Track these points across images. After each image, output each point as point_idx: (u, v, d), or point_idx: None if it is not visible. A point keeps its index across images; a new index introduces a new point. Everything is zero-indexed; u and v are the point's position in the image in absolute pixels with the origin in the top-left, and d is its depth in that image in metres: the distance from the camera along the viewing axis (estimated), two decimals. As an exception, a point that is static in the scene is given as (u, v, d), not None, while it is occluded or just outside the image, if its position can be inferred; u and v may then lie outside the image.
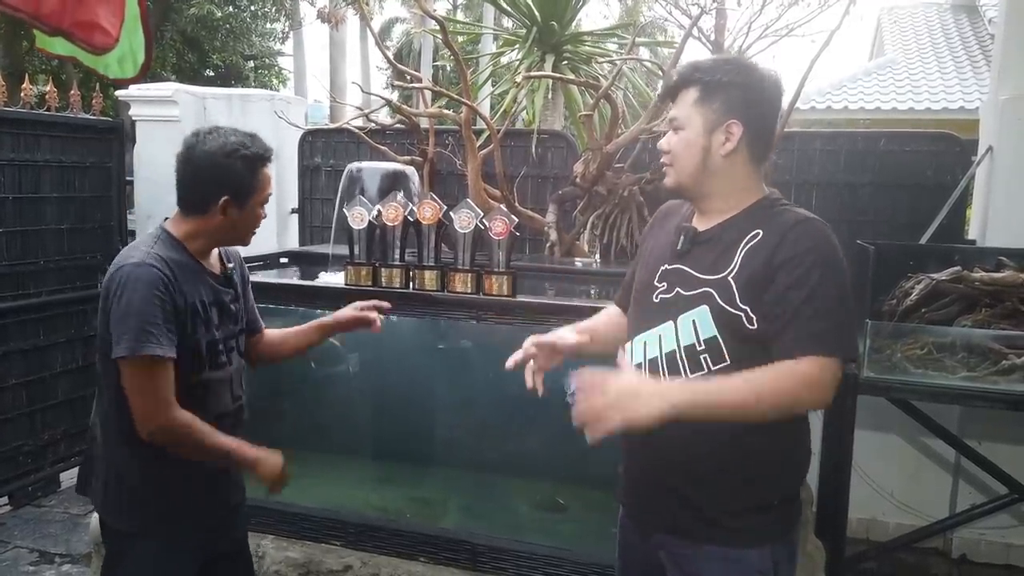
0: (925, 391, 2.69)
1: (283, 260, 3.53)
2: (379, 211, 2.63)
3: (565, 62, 4.77)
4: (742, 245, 1.50)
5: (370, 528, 2.77)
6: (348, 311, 2.11)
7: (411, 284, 2.63)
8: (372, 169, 3.43)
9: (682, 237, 1.60)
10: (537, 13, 4.66)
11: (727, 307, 1.47)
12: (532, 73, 4.21)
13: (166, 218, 1.87)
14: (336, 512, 2.86)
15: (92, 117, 4.14)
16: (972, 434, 3.32)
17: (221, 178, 1.75)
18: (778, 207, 1.55)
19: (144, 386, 1.68)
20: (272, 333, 2.12)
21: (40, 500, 3.95)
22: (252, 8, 16.22)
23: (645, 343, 1.59)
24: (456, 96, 3.68)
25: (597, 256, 3.58)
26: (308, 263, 3.51)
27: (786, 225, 1.48)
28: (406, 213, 2.62)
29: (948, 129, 3.77)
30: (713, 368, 1.48)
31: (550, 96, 4.88)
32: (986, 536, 3.47)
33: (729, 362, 1.47)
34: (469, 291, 2.57)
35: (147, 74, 3.67)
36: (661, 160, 1.63)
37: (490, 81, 5.65)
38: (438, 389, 3.37)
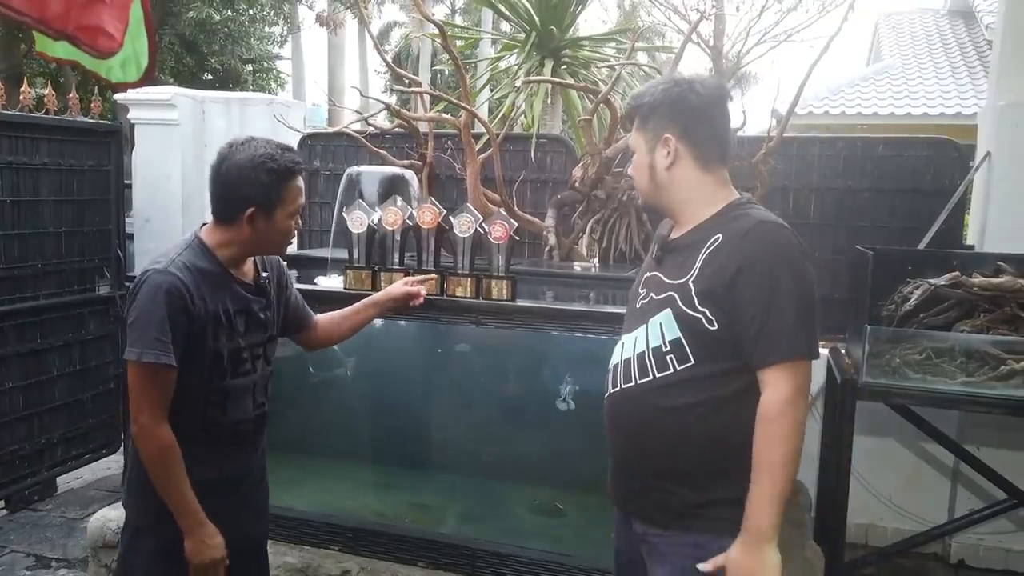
0: (924, 396, 2.69)
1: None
2: (378, 215, 2.63)
3: (564, 67, 4.78)
4: (703, 250, 1.57)
5: (369, 533, 2.76)
6: (399, 286, 2.27)
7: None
8: (371, 173, 3.43)
9: (655, 244, 1.73)
10: (536, 18, 4.66)
11: (687, 310, 1.55)
12: (531, 78, 4.21)
13: (203, 224, 1.88)
14: (334, 516, 2.85)
15: (90, 120, 4.13)
16: (971, 439, 3.32)
17: (247, 189, 1.77)
18: (739, 211, 1.60)
19: (139, 389, 1.73)
20: (327, 317, 2.21)
21: (37, 504, 3.93)
22: (251, 12, 16.21)
23: (623, 345, 1.71)
24: (455, 100, 3.68)
25: (596, 260, 3.58)
26: (307, 267, 3.50)
27: (742, 230, 1.54)
28: (405, 217, 2.62)
29: (945, 135, 3.78)
30: (679, 368, 1.56)
31: (549, 100, 4.88)
32: (984, 541, 3.47)
33: (693, 362, 1.55)
34: (469, 295, 2.57)
35: (151, 78, 3.67)
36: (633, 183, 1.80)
37: (489, 86, 5.65)
38: (437, 393, 3.37)
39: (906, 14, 14.48)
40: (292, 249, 4.44)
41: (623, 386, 1.66)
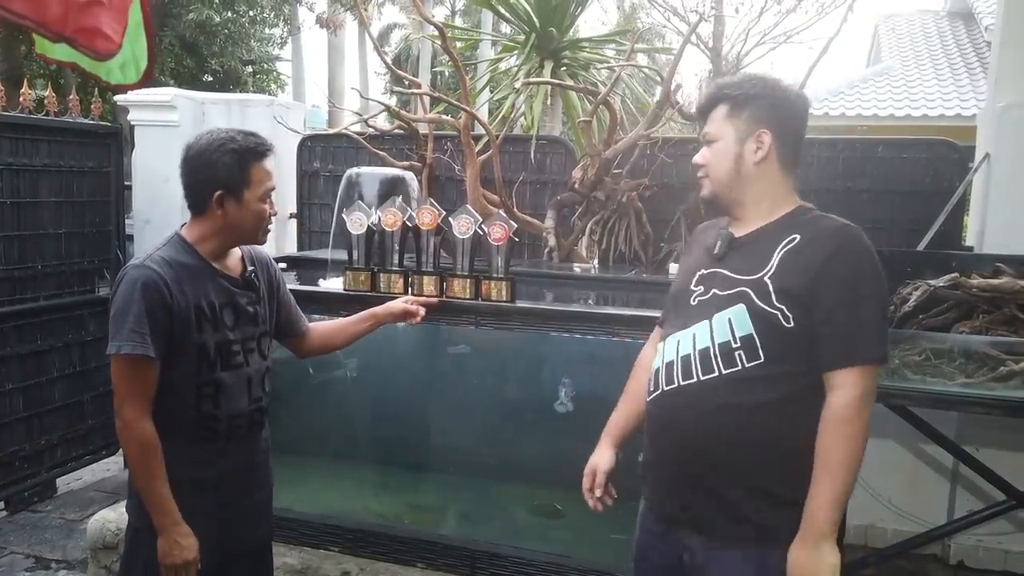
0: (923, 397, 2.68)
1: (281, 265, 3.52)
2: (378, 216, 2.64)
3: (564, 68, 4.78)
4: (779, 248, 1.56)
5: (368, 534, 2.76)
6: (399, 304, 2.30)
7: (410, 289, 2.63)
8: (371, 174, 3.44)
9: (719, 241, 1.67)
10: (536, 19, 4.67)
11: (763, 305, 1.53)
12: (531, 79, 4.21)
13: (183, 224, 1.89)
14: (334, 518, 2.85)
15: (91, 122, 4.14)
16: (970, 440, 3.32)
17: (211, 172, 1.80)
18: (813, 214, 1.63)
19: (120, 382, 1.75)
20: (323, 325, 2.22)
21: (36, 506, 3.93)
22: (251, 13, 16.22)
23: (679, 341, 1.64)
24: (455, 102, 3.68)
25: (595, 261, 3.58)
26: (306, 268, 3.51)
27: (827, 230, 1.56)
28: (405, 218, 2.62)
29: (945, 136, 3.78)
30: (747, 364, 1.53)
31: (549, 102, 4.88)
32: (984, 542, 3.47)
33: (763, 359, 1.53)
34: (468, 297, 2.57)
35: (150, 80, 3.67)
36: (697, 174, 1.71)
37: (489, 87, 5.66)
38: (436, 395, 3.37)
39: (905, 16, 14.48)
40: (292, 250, 4.49)
41: (681, 383, 1.61)
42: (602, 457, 1.86)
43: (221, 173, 1.79)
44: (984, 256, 3.14)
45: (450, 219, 2.57)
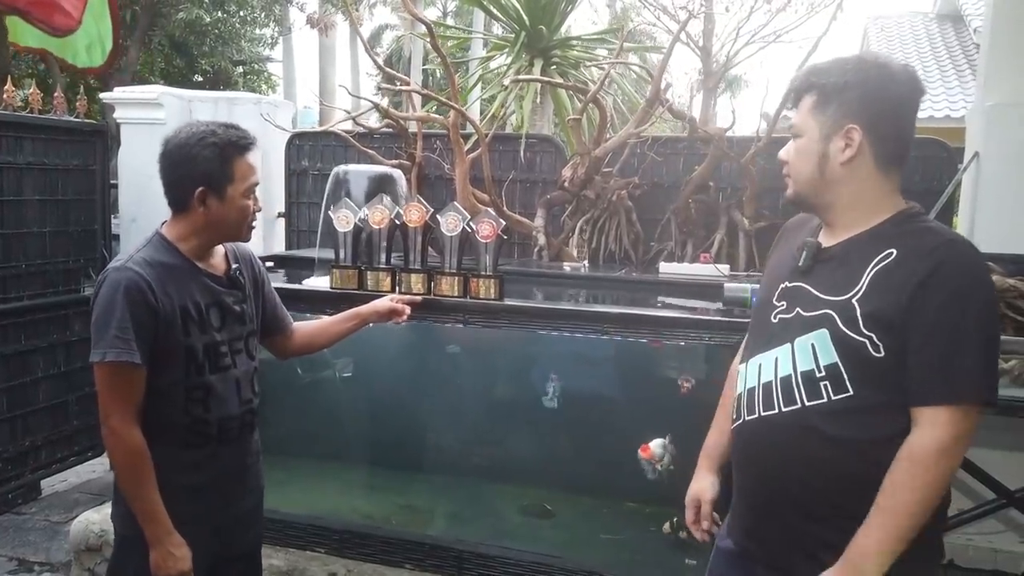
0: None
1: (269, 264, 3.49)
2: (365, 214, 2.61)
3: (554, 67, 4.77)
4: (871, 265, 1.37)
5: (355, 535, 2.74)
6: (384, 302, 2.26)
7: (397, 288, 2.60)
8: (358, 172, 3.41)
9: (804, 253, 1.48)
10: (525, 17, 4.66)
11: (849, 332, 1.35)
12: (519, 77, 4.20)
13: (163, 222, 1.84)
14: (321, 519, 2.83)
15: (76, 119, 4.09)
16: (960, 439, 3.31)
17: (192, 168, 1.74)
18: (915, 224, 1.41)
19: (105, 390, 1.68)
20: (306, 325, 2.16)
21: (20, 507, 3.89)
22: (241, 13, 16.15)
23: (760, 365, 1.50)
24: (444, 100, 3.66)
25: (585, 261, 3.57)
26: (294, 267, 3.48)
27: (927, 247, 1.34)
28: (392, 216, 2.60)
29: (934, 136, 3.79)
30: (834, 398, 1.37)
31: (538, 100, 4.87)
32: (974, 541, 3.47)
33: (851, 392, 1.36)
34: (456, 295, 2.55)
35: (116, 61, 3.62)
36: (782, 171, 1.55)
37: (479, 86, 5.64)
38: (424, 394, 3.35)
39: (895, 17, 14.55)
40: (280, 249, 4.46)
41: (762, 413, 1.46)
42: (703, 485, 1.70)
43: (202, 168, 1.73)
44: (973, 255, 3.13)
45: (438, 216, 2.55)
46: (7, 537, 3.60)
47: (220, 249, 1.90)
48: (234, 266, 1.89)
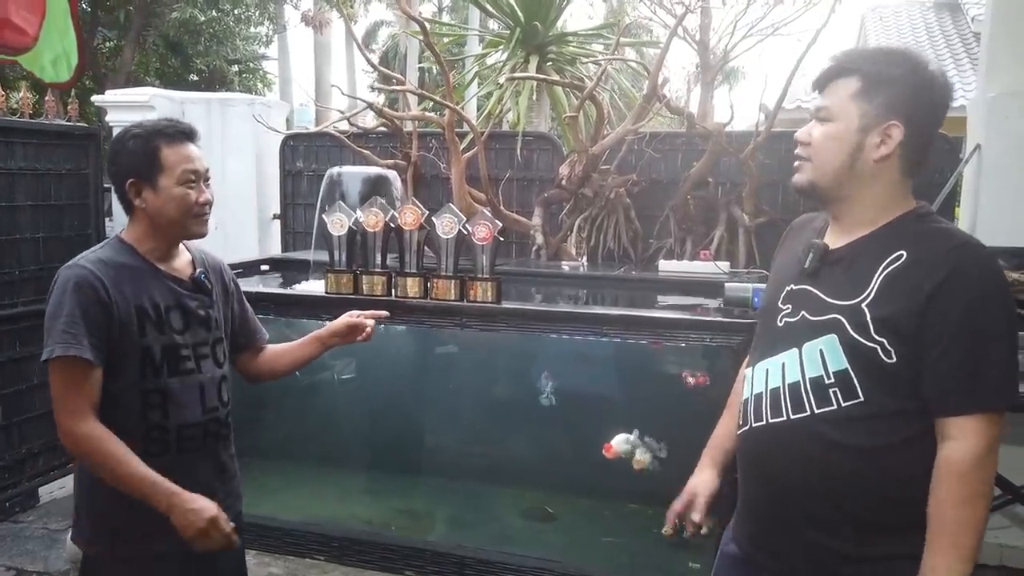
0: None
1: (264, 267, 3.47)
2: (360, 217, 2.58)
3: (549, 63, 4.73)
4: (881, 268, 1.32)
5: (354, 541, 2.72)
6: (342, 320, 2.03)
7: (393, 291, 2.57)
8: (353, 173, 3.37)
9: (811, 254, 1.42)
10: (520, 13, 4.61)
11: (859, 338, 1.31)
12: (515, 74, 4.16)
13: (123, 228, 1.82)
14: (319, 525, 2.80)
15: (68, 123, 4.05)
16: (964, 435, 3.29)
17: (120, 163, 1.73)
18: (927, 224, 1.36)
19: (57, 388, 1.63)
20: (272, 348, 2.04)
21: (18, 516, 3.85)
22: (235, 12, 16.07)
23: (767, 370, 1.45)
24: (439, 99, 3.63)
25: (584, 259, 3.54)
26: (290, 269, 3.45)
27: (939, 250, 1.30)
28: (387, 219, 2.57)
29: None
30: (844, 404, 1.33)
31: (535, 98, 4.83)
32: (979, 537, 3.45)
33: (862, 399, 1.32)
34: (453, 298, 2.52)
35: (81, 76, 3.57)
36: (796, 152, 1.45)
37: (476, 83, 5.60)
38: (422, 399, 3.32)
39: (892, 7, 14.51)
40: (275, 251, 4.42)
41: (770, 420, 1.42)
42: (702, 479, 1.65)
43: (127, 160, 1.72)
44: (976, 248, 3.10)
45: (433, 219, 2.51)
46: (5, 546, 3.57)
47: (186, 255, 1.85)
48: (199, 271, 1.85)
